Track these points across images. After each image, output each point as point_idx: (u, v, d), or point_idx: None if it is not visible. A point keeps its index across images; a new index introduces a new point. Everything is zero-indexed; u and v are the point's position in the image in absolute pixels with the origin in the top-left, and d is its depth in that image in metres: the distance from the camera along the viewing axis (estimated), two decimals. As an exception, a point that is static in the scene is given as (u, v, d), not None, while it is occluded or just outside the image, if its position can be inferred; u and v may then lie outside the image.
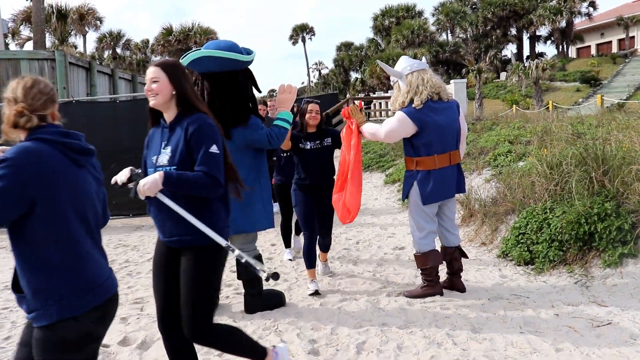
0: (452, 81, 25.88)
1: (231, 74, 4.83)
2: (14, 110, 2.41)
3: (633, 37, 54.17)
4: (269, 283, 5.88)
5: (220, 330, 3.23)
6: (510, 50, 60.18)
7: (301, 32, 78.74)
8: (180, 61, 4.43)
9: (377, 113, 29.33)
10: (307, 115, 5.66)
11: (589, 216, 5.62)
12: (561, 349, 3.96)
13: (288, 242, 7.25)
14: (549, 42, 59.23)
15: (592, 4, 53.49)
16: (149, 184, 3.02)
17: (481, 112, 22.75)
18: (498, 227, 7.11)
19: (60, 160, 2.38)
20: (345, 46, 75.78)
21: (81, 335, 2.38)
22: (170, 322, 3.26)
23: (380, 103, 31.40)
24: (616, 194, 5.78)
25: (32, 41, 23.71)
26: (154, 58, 57.17)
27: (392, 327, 4.54)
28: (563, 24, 53.46)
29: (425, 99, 5.02)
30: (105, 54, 55.30)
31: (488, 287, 5.52)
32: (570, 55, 57.78)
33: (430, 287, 5.28)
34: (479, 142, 11.59)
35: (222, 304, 5.38)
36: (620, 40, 56.08)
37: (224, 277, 6.22)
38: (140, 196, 3.07)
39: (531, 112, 18.22)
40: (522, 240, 6.24)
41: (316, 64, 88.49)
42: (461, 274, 5.51)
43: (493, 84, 46.33)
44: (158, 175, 3.02)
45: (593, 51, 58.60)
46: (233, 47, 4.84)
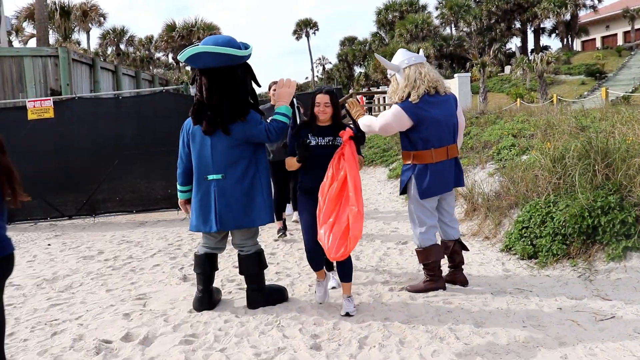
0: (456, 75, 25.85)
1: (229, 69, 4.82)
2: None
3: (639, 29, 53.87)
4: (271, 279, 5.90)
5: None
6: (514, 43, 60.07)
7: (305, 27, 78.60)
8: (178, 57, 4.48)
9: (380, 108, 29.23)
10: (315, 109, 4.85)
11: (592, 209, 5.60)
12: (564, 343, 3.95)
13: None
14: (553, 35, 59.03)
15: (597, -4, 53.31)
16: None
17: (485, 106, 22.66)
18: (501, 221, 7.09)
19: None
20: (349, 41, 75.62)
21: None
22: None
23: (383, 98, 31.34)
24: (620, 187, 5.75)
25: (35, 38, 23.74)
26: (157, 54, 57.30)
27: (395, 321, 4.53)
28: (568, 16, 53.26)
29: (422, 93, 4.98)
30: (109, 50, 55.39)
31: (491, 281, 5.50)
32: (575, 48, 57.60)
33: (432, 281, 5.27)
34: (483, 136, 11.55)
35: (224, 299, 5.38)
36: (625, 33, 55.80)
37: (226, 272, 6.27)
38: None
39: (535, 106, 18.14)
40: (525, 234, 6.22)
41: (320, 59, 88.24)
42: (463, 267, 5.50)
43: (497, 77, 46.21)
44: None
45: (598, 44, 58.36)
46: (230, 42, 4.83)
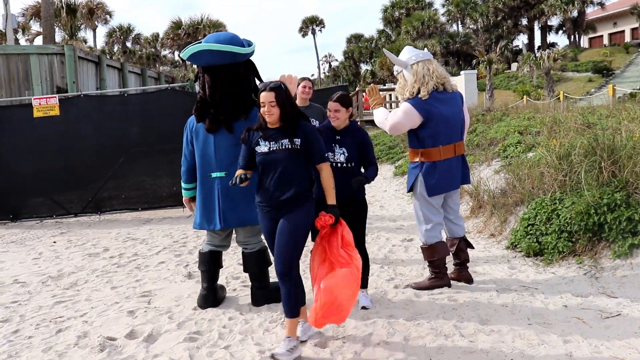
0: (462, 72, 25.79)
1: (232, 67, 4.82)
2: None
3: (646, 26, 53.58)
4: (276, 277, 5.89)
5: None
6: (521, 40, 59.84)
7: (311, 24, 78.59)
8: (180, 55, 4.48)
9: (386, 105, 29.19)
10: (261, 110, 3.98)
11: (598, 207, 5.56)
12: (569, 341, 3.93)
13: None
14: (560, 32, 58.74)
15: (605, -7, 52.99)
16: None
17: (492, 103, 22.59)
18: (507, 218, 7.06)
19: None
20: (355, 38, 75.50)
21: None
22: None
23: (387, 95, 31.29)
24: (626, 184, 5.72)
25: (41, 36, 23.78)
26: (163, 52, 57.39)
27: (400, 319, 4.52)
28: (575, 13, 52.98)
29: (432, 89, 4.98)
30: (115, 48, 55.49)
31: (496, 278, 5.48)
32: (582, 45, 57.34)
33: (438, 278, 5.25)
34: (489, 133, 11.51)
35: (229, 296, 5.38)
36: (633, 30, 55.45)
37: (231, 269, 6.27)
38: None
39: (541, 103, 18.06)
40: (531, 232, 6.19)
41: (326, 56, 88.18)
42: (468, 265, 5.48)
43: (504, 74, 46.05)
44: None
45: (605, 41, 58.03)
46: (233, 39, 4.82)
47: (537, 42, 58.21)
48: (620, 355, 3.68)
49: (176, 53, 56.02)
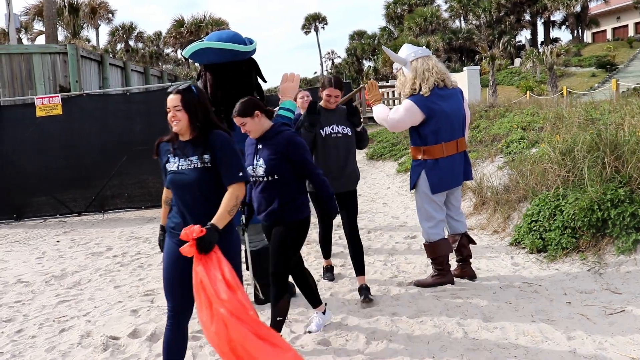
0: (465, 68, 25.73)
1: (234, 65, 4.81)
2: None
3: (650, 20, 53.37)
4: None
5: None
6: (524, 36, 59.61)
7: (314, 21, 78.47)
8: (182, 53, 4.41)
9: (388, 102, 29.10)
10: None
11: (602, 202, 5.54)
12: (573, 337, 3.92)
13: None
14: (563, 27, 58.49)
15: (608, -13, 52.76)
16: None
17: (495, 99, 22.54)
18: (510, 214, 7.05)
19: None
20: (358, 35, 75.33)
21: None
22: None
23: (390, 92, 31.22)
24: (630, 180, 5.69)
25: (44, 35, 23.82)
26: (166, 50, 57.40)
27: (403, 316, 4.52)
28: (578, 8, 52.75)
29: (432, 85, 4.97)
30: (118, 46, 55.51)
31: (500, 275, 5.46)
32: (585, 40, 57.07)
33: (441, 276, 5.24)
34: (492, 129, 11.48)
35: (232, 294, 5.37)
36: (637, 24, 55.23)
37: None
38: None
39: (545, 98, 18.02)
40: (534, 228, 6.17)
41: (329, 53, 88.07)
42: (472, 261, 5.47)
43: (507, 70, 45.89)
44: None
45: (609, 35, 57.79)
46: (234, 37, 4.82)
47: (540, 37, 57.99)
48: (624, 352, 3.66)
49: (179, 51, 56.08)
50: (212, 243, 2.96)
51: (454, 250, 5.37)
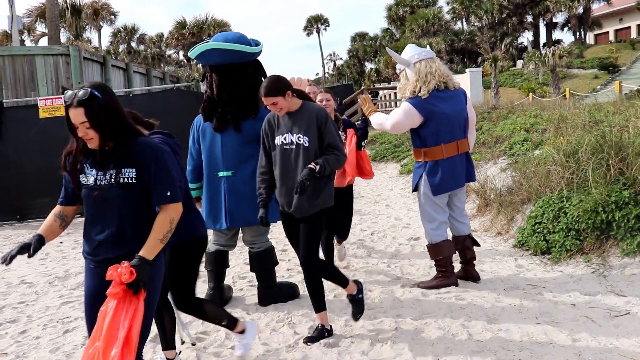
0: (467, 70, 25.74)
1: (239, 66, 4.82)
2: None
3: (652, 22, 53.30)
4: (283, 276, 5.90)
5: None
6: (526, 37, 59.63)
7: (315, 23, 78.55)
8: (188, 54, 4.39)
9: (387, 104, 29.10)
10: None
11: (606, 204, 5.53)
12: (578, 340, 3.91)
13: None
14: (566, 28, 58.49)
15: (611, -11, 52.70)
16: None
17: (497, 101, 22.55)
18: (514, 216, 7.04)
19: None
20: (360, 36, 75.44)
21: None
22: None
23: (390, 94, 31.26)
24: (634, 182, 5.68)
25: (46, 37, 23.85)
26: (168, 52, 57.47)
27: (407, 318, 4.51)
28: (580, 9, 52.76)
29: (433, 88, 4.97)
30: (120, 48, 55.64)
31: (504, 277, 5.45)
32: (587, 42, 57.05)
33: (445, 277, 5.23)
34: (495, 131, 11.47)
35: (235, 296, 5.38)
36: (639, 26, 55.19)
37: (238, 269, 6.27)
38: None
39: (547, 100, 18.01)
40: (538, 230, 6.16)
41: (331, 54, 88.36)
42: (475, 263, 5.46)
43: (509, 72, 45.89)
44: None
45: (611, 37, 57.73)
46: (241, 39, 4.82)
47: (543, 39, 58.04)
48: (629, 354, 3.65)
49: (181, 53, 56.17)
50: (144, 282, 2.61)
51: (457, 252, 5.37)
